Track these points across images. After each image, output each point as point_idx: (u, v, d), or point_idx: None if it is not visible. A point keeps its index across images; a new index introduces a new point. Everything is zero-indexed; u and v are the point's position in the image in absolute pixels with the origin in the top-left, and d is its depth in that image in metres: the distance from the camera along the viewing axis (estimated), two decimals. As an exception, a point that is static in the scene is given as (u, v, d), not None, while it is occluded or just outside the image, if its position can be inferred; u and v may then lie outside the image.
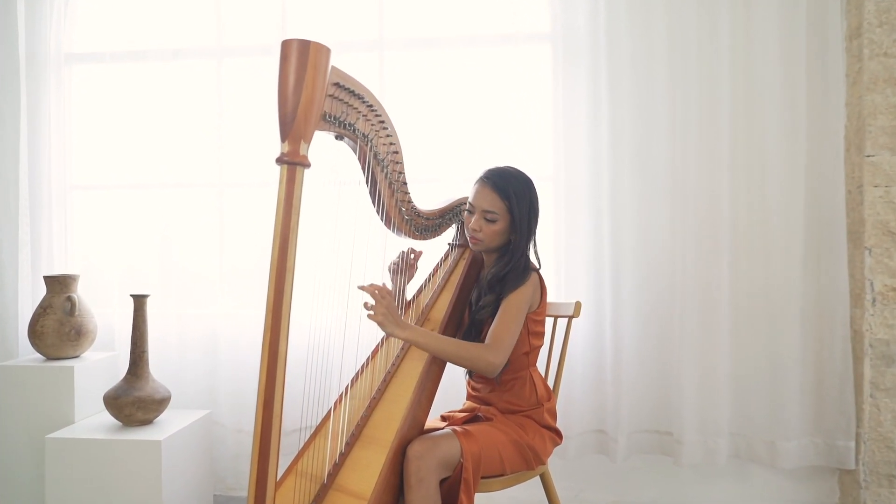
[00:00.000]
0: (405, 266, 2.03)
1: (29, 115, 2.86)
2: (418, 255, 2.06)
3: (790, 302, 2.46)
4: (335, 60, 2.47)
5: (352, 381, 1.83)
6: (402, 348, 1.86)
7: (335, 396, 1.80)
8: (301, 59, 1.47)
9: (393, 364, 1.82)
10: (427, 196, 2.01)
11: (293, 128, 1.47)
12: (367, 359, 1.89)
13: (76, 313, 2.57)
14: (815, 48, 2.46)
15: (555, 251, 2.64)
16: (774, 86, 2.46)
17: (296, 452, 1.75)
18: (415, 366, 1.78)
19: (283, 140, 1.48)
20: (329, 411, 1.76)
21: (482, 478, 1.72)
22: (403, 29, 2.75)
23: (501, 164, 1.91)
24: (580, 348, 2.58)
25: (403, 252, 2.03)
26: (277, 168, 2.54)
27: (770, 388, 2.49)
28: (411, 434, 1.68)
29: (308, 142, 1.49)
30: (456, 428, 1.73)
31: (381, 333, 1.89)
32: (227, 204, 2.82)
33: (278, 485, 1.63)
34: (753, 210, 2.50)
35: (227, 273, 2.79)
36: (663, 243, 2.55)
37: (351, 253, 1.72)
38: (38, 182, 2.87)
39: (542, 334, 1.92)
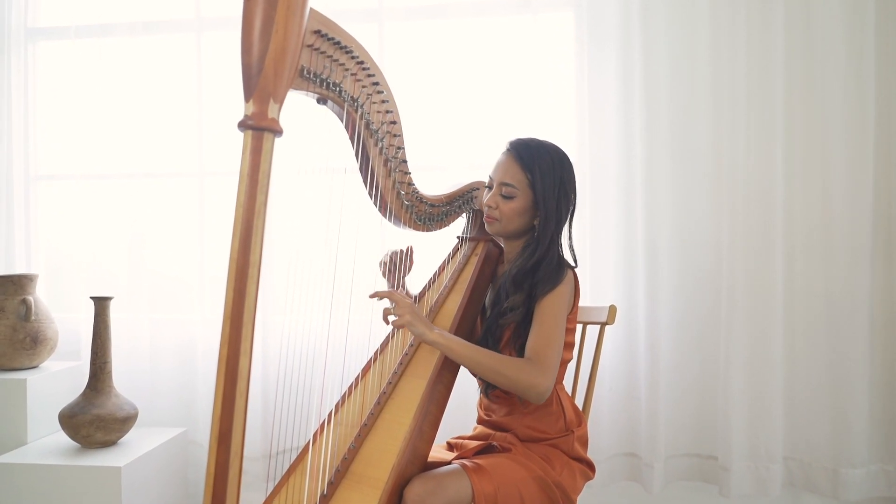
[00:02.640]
0: (396, 266, 1.69)
1: (-13, 96, 2.56)
2: (409, 248, 1.73)
3: (856, 307, 2.11)
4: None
5: (338, 404, 1.49)
6: (401, 363, 1.52)
7: (322, 416, 1.47)
8: (272, -6, 1.14)
9: (389, 383, 1.48)
10: (432, 186, 1.69)
11: (260, 83, 1.15)
12: (357, 377, 1.55)
13: (32, 318, 2.25)
14: (886, 11, 2.11)
15: (579, 246, 2.30)
16: (838, 55, 2.12)
17: (269, 483, 1.42)
18: (416, 385, 1.44)
19: (247, 99, 1.15)
20: (308, 442, 1.42)
21: (500, 522, 1.39)
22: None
23: (536, 137, 1.60)
24: (609, 358, 2.24)
25: (394, 252, 1.69)
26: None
27: (832, 407, 2.14)
28: (410, 470, 1.34)
29: (279, 102, 1.17)
30: (466, 463, 1.39)
31: (374, 345, 1.57)
32: (208, 195, 2.50)
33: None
34: (812, 200, 2.16)
35: (207, 273, 2.47)
36: (706, 238, 2.22)
37: (336, 245, 1.39)
38: (-4, 171, 2.56)
39: (572, 345, 1.59)
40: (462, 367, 1.52)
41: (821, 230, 2.16)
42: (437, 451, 1.58)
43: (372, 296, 1.42)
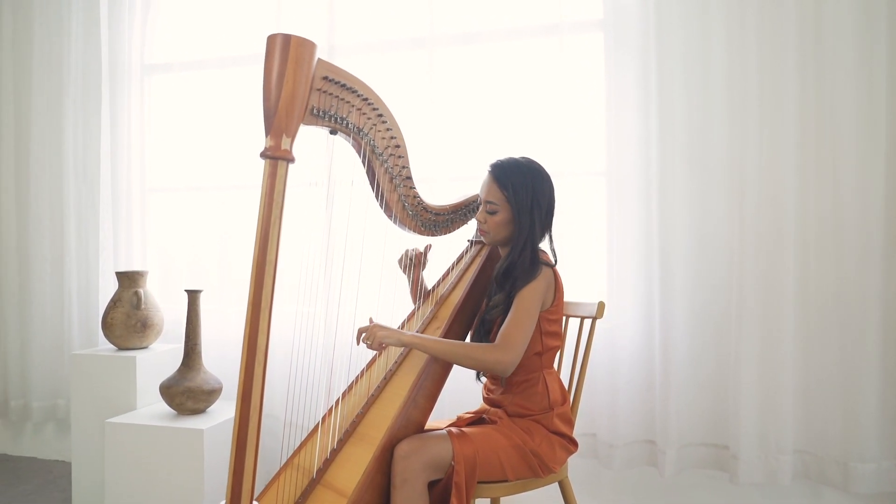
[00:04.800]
0: (411, 262, 2.00)
1: (112, 122, 3.09)
2: (427, 247, 2.04)
3: (868, 306, 2.18)
4: (381, 60, 2.48)
5: (355, 379, 1.82)
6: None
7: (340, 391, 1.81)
8: (283, 53, 1.48)
9: (395, 363, 1.79)
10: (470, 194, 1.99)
11: (275, 123, 1.49)
12: (372, 358, 1.87)
13: (142, 307, 2.73)
14: (898, 18, 2.17)
15: (608, 250, 2.51)
16: (848, 63, 2.20)
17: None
18: (415, 365, 1.74)
19: (266, 135, 1.49)
20: (331, 408, 1.75)
21: (484, 482, 1.65)
22: (451, 25, 2.72)
23: (515, 156, 1.84)
24: (627, 352, 2.42)
25: (408, 250, 2.00)
26: (324, 170, 2.58)
27: (843, 403, 2.22)
28: (403, 433, 1.63)
29: (291, 136, 1.50)
30: (452, 429, 1.66)
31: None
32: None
33: (275, 478, 1.65)
34: (823, 202, 2.25)
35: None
36: (720, 240, 2.35)
37: (347, 249, 1.71)
38: (118, 185, 3.09)
39: (557, 334, 1.81)
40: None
41: (832, 231, 2.23)
42: (442, 423, 1.85)
43: (357, 340, 1.73)
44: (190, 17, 3.07)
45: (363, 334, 1.70)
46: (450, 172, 2.68)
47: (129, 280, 2.76)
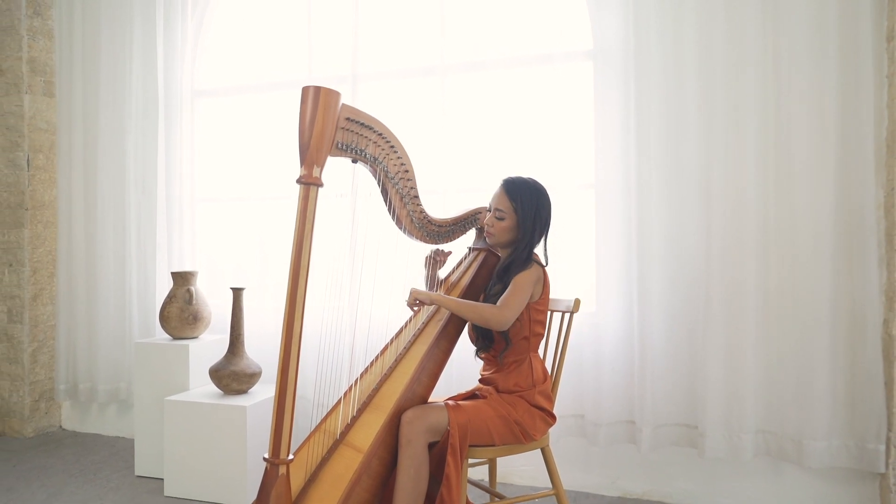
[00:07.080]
0: (435, 261, 2.40)
1: (167, 140, 3.53)
2: (446, 254, 2.41)
3: (819, 303, 2.49)
4: (399, 86, 2.89)
5: (371, 361, 2.22)
6: (414, 335, 2.20)
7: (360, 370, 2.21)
8: (315, 101, 1.86)
9: (405, 348, 2.17)
10: (481, 204, 2.37)
11: (307, 156, 1.87)
12: (387, 343, 2.26)
13: (193, 302, 3.17)
14: (846, 52, 2.48)
15: (595, 254, 2.85)
16: (804, 90, 2.52)
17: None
18: (421, 349, 2.12)
19: (301, 165, 1.88)
20: (352, 385, 2.15)
21: (474, 446, 2.03)
22: (460, 55, 3.10)
23: (524, 175, 2.21)
24: (611, 344, 2.78)
25: (433, 250, 2.39)
26: (349, 182, 2.97)
27: (798, 388, 2.54)
28: (409, 404, 2.02)
29: (321, 166, 1.88)
30: (449, 401, 2.05)
31: (398, 324, 2.29)
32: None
33: (307, 439, 2.04)
34: (781, 210, 2.56)
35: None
36: (690, 246, 2.68)
37: (366, 254, 2.11)
38: (172, 195, 3.53)
39: (542, 324, 2.18)
40: (457, 344, 2.19)
41: (788, 239, 2.55)
42: (441, 399, 2.23)
43: (409, 304, 2.16)
44: (233, 49, 3.52)
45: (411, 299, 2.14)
46: (459, 185, 3.06)
47: (182, 279, 3.19)
